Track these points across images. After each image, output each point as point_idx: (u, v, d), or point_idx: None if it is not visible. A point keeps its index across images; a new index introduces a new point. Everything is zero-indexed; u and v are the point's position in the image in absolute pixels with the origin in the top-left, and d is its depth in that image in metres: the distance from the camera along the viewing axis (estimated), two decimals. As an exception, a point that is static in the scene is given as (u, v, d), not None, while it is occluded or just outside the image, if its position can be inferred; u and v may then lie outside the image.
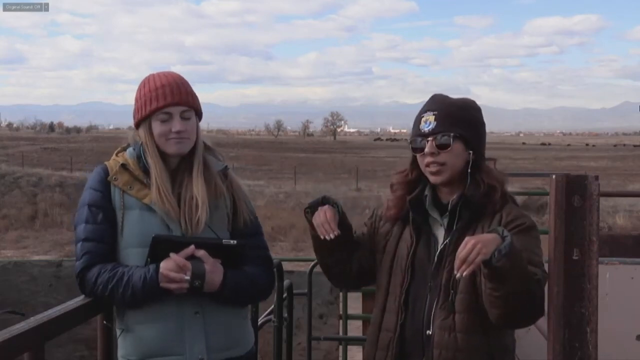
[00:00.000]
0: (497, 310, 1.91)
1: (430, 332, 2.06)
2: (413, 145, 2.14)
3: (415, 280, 2.10)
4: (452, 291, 2.03)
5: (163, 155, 2.19)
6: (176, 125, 2.15)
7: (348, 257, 2.23)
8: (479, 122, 2.15)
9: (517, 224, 2.02)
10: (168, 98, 2.15)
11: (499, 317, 1.93)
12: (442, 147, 2.07)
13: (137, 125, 2.22)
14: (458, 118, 2.10)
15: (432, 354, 2.04)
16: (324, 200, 2.15)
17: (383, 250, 2.20)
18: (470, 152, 2.09)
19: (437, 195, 2.16)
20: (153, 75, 2.24)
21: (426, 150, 2.09)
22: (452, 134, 2.07)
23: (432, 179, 2.11)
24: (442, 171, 2.08)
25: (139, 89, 2.22)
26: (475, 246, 1.75)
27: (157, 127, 2.16)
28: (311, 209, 2.14)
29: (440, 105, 2.14)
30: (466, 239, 1.80)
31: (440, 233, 2.13)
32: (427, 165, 2.10)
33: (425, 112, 2.13)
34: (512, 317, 1.94)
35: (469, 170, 2.08)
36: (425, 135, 2.10)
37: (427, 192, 2.16)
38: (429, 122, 2.10)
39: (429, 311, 2.07)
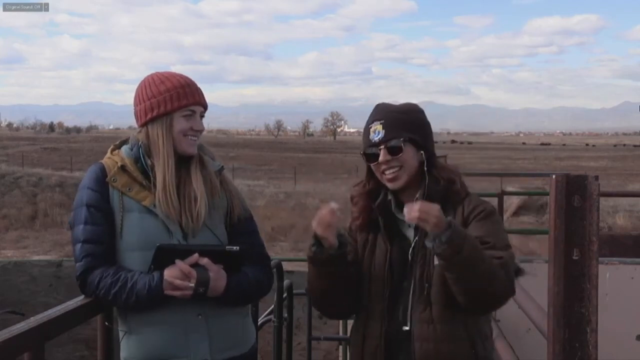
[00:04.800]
0: (462, 296, 1.99)
1: (408, 327, 2.09)
2: (366, 156, 2.18)
3: (394, 285, 2.13)
4: (426, 284, 2.07)
5: None
6: (199, 124, 2.20)
7: (345, 282, 2.16)
8: (424, 123, 2.22)
9: (477, 212, 2.10)
10: (196, 96, 2.19)
11: (466, 302, 2.00)
12: (394, 152, 2.12)
13: (150, 121, 2.17)
14: (404, 122, 2.16)
15: (413, 347, 2.06)
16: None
17: (362, 259, 2.22)
18: (422, 152, 2.15)
19: (399, 199, 2.19)
20: (164, 74, 2.23)
21: (380, 158, 2.14)
22: (401, 139, 2.12)
23: (391, 185, 2.15)
24: (399, 176, 2.13)
25: (153, 86, 2.18)
26: (422, 210, 1.88)
27: (180, 123, 2.16)
28: (315, 244, 2.08)
29: (384, 113, 2.19)
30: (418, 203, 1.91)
31: (410, 233, 2.17)
32: (383, 172, 2.15)
33: (372, 122, 2.18)
34: (477, 301, 2.01)
35: (425, 169, 2.14)
36: (376, 145, 2.15)
37: (389, 196, 2.19)
38: (377, 131, 2.15)
39: (405, 308, 2.10)
